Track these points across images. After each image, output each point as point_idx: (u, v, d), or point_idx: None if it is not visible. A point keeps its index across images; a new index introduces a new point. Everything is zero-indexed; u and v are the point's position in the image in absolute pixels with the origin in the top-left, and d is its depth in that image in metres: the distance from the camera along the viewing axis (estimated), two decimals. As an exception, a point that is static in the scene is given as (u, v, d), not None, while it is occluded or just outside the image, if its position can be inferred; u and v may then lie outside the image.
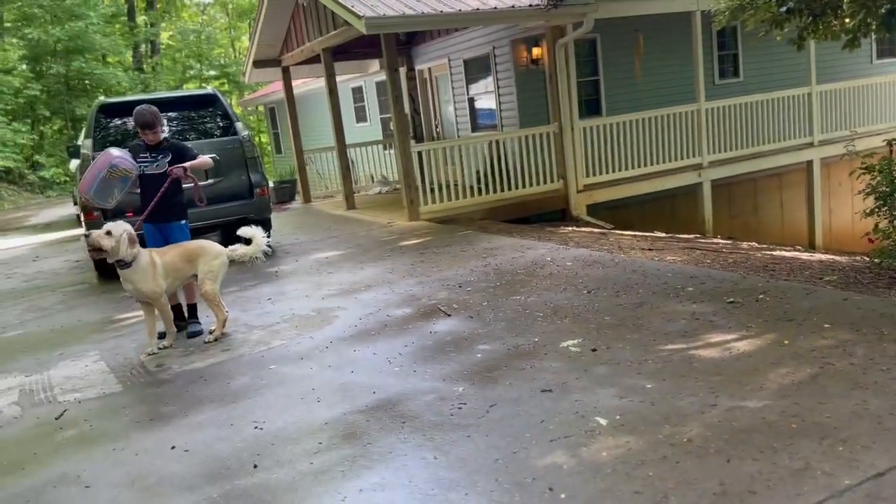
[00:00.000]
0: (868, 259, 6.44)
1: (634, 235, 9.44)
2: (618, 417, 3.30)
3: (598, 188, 11.17)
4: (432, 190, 10.19)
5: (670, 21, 11.57)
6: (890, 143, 6.49)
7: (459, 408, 3.63)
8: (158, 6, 33.57)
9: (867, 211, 5.85)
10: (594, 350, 4.26)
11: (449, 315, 5.33)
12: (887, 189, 5.73)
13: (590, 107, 11.94)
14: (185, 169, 5.55)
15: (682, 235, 10.05)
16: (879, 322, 4.10)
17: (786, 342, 3.98)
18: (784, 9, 8.09)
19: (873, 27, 8.33)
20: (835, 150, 12.93)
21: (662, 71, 12.38)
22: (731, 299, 4.94)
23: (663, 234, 9.89)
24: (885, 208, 5.68)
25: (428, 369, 4.27)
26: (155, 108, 5.66)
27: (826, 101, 13.00)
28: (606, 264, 6.53)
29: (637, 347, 4.22)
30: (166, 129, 5.88)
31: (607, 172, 11.16)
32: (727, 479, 2.64)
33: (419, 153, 10.22)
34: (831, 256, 8.24)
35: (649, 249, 7.72)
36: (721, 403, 3.31)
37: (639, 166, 11.35)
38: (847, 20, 8.48)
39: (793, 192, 13.77)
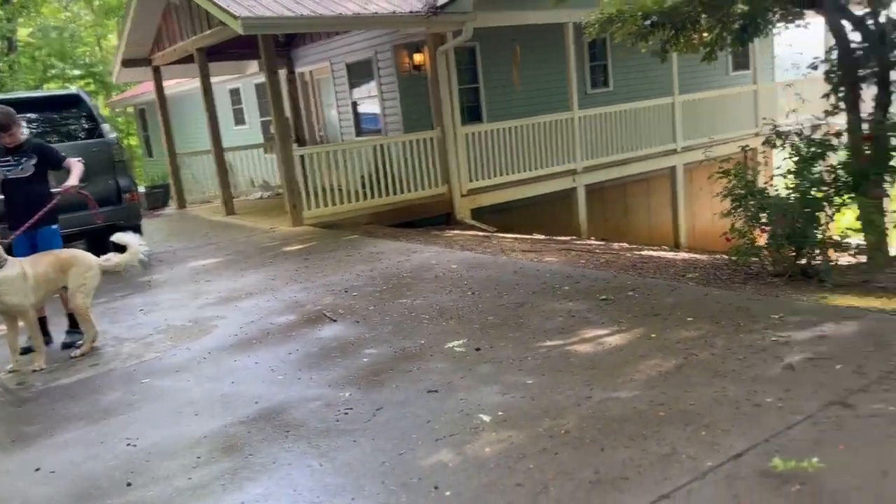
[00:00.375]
0: (726, 257, 6.95)
1: (516, 238, 9.72)
2: (500, 414, 3.39)
3: (482, 192, 11.41)
4: (316, 194, 10.05)
5: (545, 32, 12.03)
6: (744, 149, 7.05)
7: (346, 413, 3.60)
8: (15, 0, 31.08)
9: (724, 212, 6.31)
10: (478, 349, 4.34)
11: (335, 320, 5.28)
12: (742, 192, 6.21)
13: (471, 113, 12.19)
14: (75, 186, 5.22)
15: (559, 237, 10.44)
16: (736, 315, 4.44)
17: (653, 335, 4.23)
18: (648, 22, 8.61)
19: (728, 41, 9.03)
20: (696, 157, 13.87)
21: (539, 80, 12.84)
22: (604, 297, 5.19)
23: (543, 237, 10.24)
24: (740, 210, 6.15)
25: (313, 376, 4.20)
26: (8, 109, 5.24)
27: (688, 110, 13.93)
28: (490, 266, 6.69)
29: (518, 345, 4.34)
30: (26, 130, 5.45)
31: (490, 177, 11.43)
32: (601, 466, 2.78)
33: (302, 157, 10.05)
34: (694, 255, 8.85)
35: (529, 251, 7.98)
36: (595, 395, 3.47)
37: (519, 171, 11.70)
38: (705, 34, 9.15)
39: (659, 195, 14.65)
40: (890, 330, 3.91)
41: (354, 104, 13.29)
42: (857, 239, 6.16)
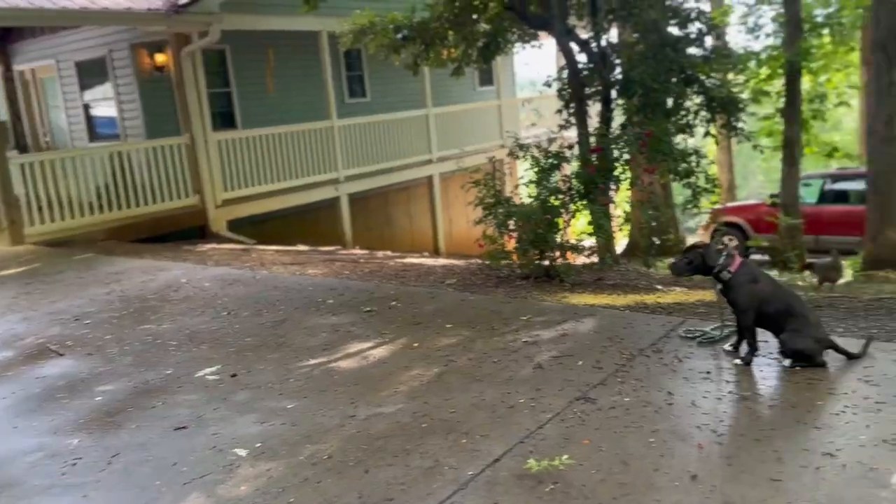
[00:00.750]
0: (480, 261, 7.29)
1: (278, 250, 9.35)
2: (258, 445, 3.14)
3: (239, 203, 10.85)
4: (40, 208, 8.80)
5: (301, 39, 11.80)
6: (491, 160, 7.46)
7: (74, 464, 3.10)
8: None
9: (477, 220, 6.61)
10: (234, 375, 4.03)
11: (62, 354, 4.59)
12: (491, 201, 6.56)
13: (224, 119, 11.56)
14: None
15: (323, 248, 10.27)
16: (490, 318, 4.63)
17: (416, 345, 4.24)
18: (400, 36, 8.81)
19: (473, 57, 9.56)
20: (451, 166, 14.55)
21: (297, 87, 12.57)
22: (368, 308, 5.13)
23: (306, 248, 9.99)
24: (490, 217, 6.49)
25: (34, 423, 3.59)
26: None
27: (441, 122, 14.56)
28: (248, 282, 6.32)
29: (279, 367, 4.10)
30: None
31: (248, 186, 10.91)
32: (365, 490, 2.67)
33: (22, 166, 8.74)
34: (452, 261, 9.20)
35: (292, 264, 7.70)
36: (360, 413, 3.37)
37: (280, 180, 11.33)
38: (453, 51, 9.59)
39: (419, 203, 15.13)
40: (619, 325, 4.32)
41: (86, 107, 11.93)
42: (591, 241, 6.83)
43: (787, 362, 3.43)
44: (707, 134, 9.16)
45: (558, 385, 3.46)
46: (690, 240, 14.76)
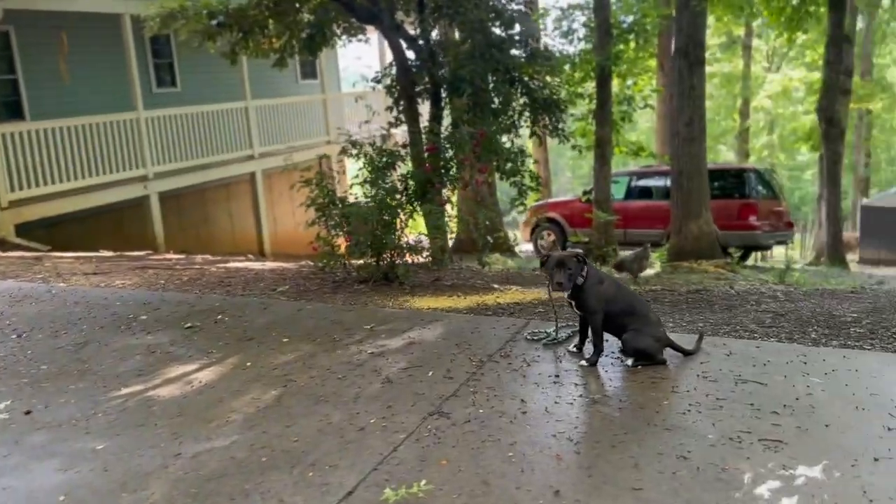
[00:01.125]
0: (312, 264, 6.93)
1: (77, 257, 8.33)
2: (62, 499, 2.62)
3: (29, 204, 9.56)
4: None
5: (100, 22, 10.63)
6: (321, 158, 7.11)
7: None
8: None
9: (309, 222, 6.25)
10: (28, 412, 3.39)
11: None
12: (324, 201, 6.22)
13: (10, 109, 10.14)
14: None
15: (132, 253, 9.32)
16: (331, 329, 4.33)
17: (248, 364, 3.84)
18: (215, 22, 8.15)
19: (297, 49, 9.11)
20: (275, 162, 13.93)
21: (97, 75, 11.34)
22: (190, 324, 4.61)
23: (111, 254, 9.00)
24: (324, 219, 6.16)
25: None
26: None
27: (263, 115, 13.85)
28: (41, 298, 5.48)
29: (85, 399, 3.52)
30: None
31: (39, 185, 9.65)
32: (201, 547, 2.29)
33: None
34: (281, 264, 8.71)
35: (95, 273, 6.84)
36: (186, 450, 2.94)
37: (77, 178, 10.14)
38: (274, 40, 9.07)
39: (240, 202, 14.31)
40: (466, 330, 4.21)
41: None
42: (427, 242, 6.71)
43: (629, 361, 3.49)
44: (533, 134, 9.44)
45: (410, 400, 3.26)
46: (514, 236, 15.31)
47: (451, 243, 9.10)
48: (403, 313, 4.67)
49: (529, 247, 15.57)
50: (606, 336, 3.58)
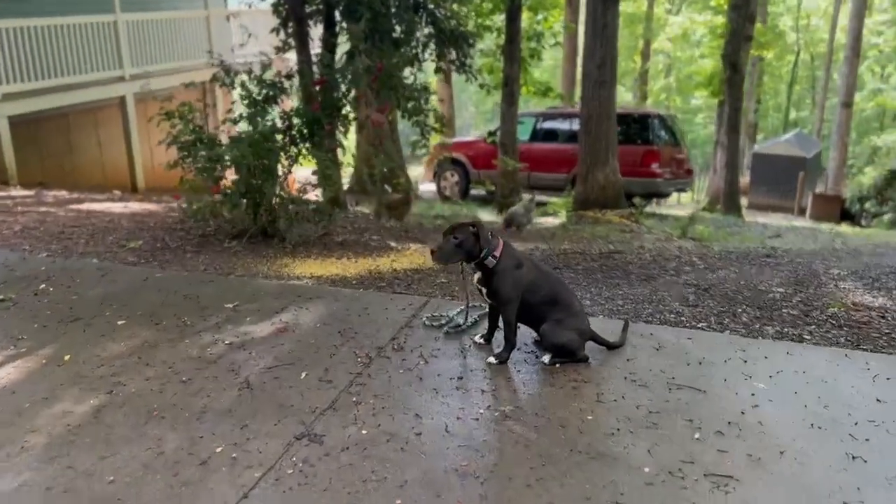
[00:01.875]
0: (184, 208, 5.96)
1: None
2: None
3: None
4: None
5: None
6: (187, 86, 6.02)
7: None
8: None
9: (171, 164, 5.26)
10: None
11: None
12: (190, 138, 5.24)
13: None
14: None
15: (-33, 189, 7.95)
16: (183, 307, 3.50)
17: (67, 357, 2.99)
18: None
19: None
20: (150, 86, 12.44)
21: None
22: (2, 296, 3.66)
23: (-62, 189, 7.62)
24: (189, 160, 5.19)
25: None
26: None
27: (135, 31, 12.22)
28: None
29: None
30: None
31: None
32: None
33: None
34: (148, 206, 7.62)
35: None
36: (-46, 500, 2.12)
37: None
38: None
39: (110, 129, 12.75)
40: (353, 310, 3.50)
41: None
42: (317, 192, 5.84)
43: (546, 358, 2.91)
44: (438, 70, 8.61)
45: (273, 415, 2.54)
46: (415, 176, 14.56)
47: (346, 185, 8.26)
48: (278, 287, 3.88)
49: (432, 187, 14.88)
50: (520, 326, 2.97)
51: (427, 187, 15.00)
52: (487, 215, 9.90)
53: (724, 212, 14.57)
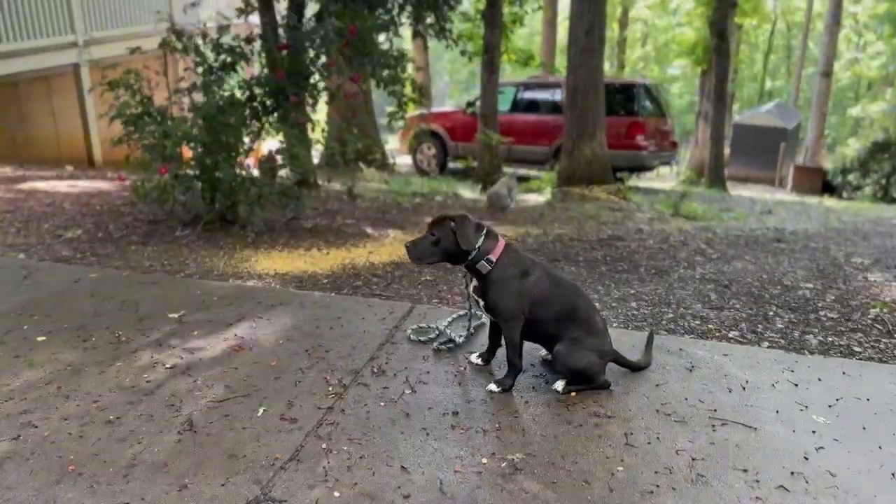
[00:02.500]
0: (137, 187, 5.31)
1: None
2: None
3: None
4: None
5: None
6: (133, 51, 5.32)
7: None
8: None
9: (115, 140, 4.62)
10: None
11: None
12: (137, 111, 4.60)
13: None
14: None
15: None
16: (118, 318, 2.91)
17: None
18: None
19: None
20: (104, 52, 11.63)
21: None
22: None
23: None
24: (136, 136, 4.55)
25: None
26: None
27: (88, -7, 11.34)
28: None
29: None
30: None
31: None
32: None
33: None
34: (99, 184, 6.95)
35: None
36: None
37: None
38: None
39: (64, 98, 11.90)
40: (324, 321, 2.95)
41: None
42: (284, 172, 5.20)
43: (559, 385, 2.39)
44: (416, 35, 7.96)
45: (220, 470, 1.99)
46: (391, 153, 13.92)
47: (316, 162, 7.63)
48: (234, 290, 3.30)
49: (409, 159, 14.24)
50: (529, 345, 2.45)
51: (403, 160, 14.36)
52: (468, 192, 9.32)
53: (709, 185, 14.17)
